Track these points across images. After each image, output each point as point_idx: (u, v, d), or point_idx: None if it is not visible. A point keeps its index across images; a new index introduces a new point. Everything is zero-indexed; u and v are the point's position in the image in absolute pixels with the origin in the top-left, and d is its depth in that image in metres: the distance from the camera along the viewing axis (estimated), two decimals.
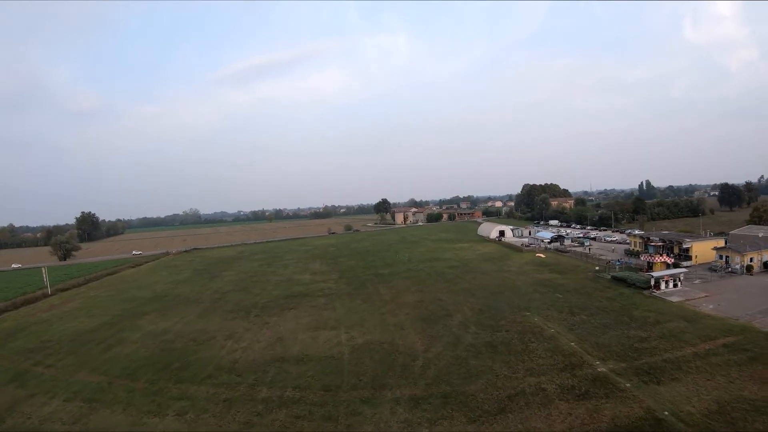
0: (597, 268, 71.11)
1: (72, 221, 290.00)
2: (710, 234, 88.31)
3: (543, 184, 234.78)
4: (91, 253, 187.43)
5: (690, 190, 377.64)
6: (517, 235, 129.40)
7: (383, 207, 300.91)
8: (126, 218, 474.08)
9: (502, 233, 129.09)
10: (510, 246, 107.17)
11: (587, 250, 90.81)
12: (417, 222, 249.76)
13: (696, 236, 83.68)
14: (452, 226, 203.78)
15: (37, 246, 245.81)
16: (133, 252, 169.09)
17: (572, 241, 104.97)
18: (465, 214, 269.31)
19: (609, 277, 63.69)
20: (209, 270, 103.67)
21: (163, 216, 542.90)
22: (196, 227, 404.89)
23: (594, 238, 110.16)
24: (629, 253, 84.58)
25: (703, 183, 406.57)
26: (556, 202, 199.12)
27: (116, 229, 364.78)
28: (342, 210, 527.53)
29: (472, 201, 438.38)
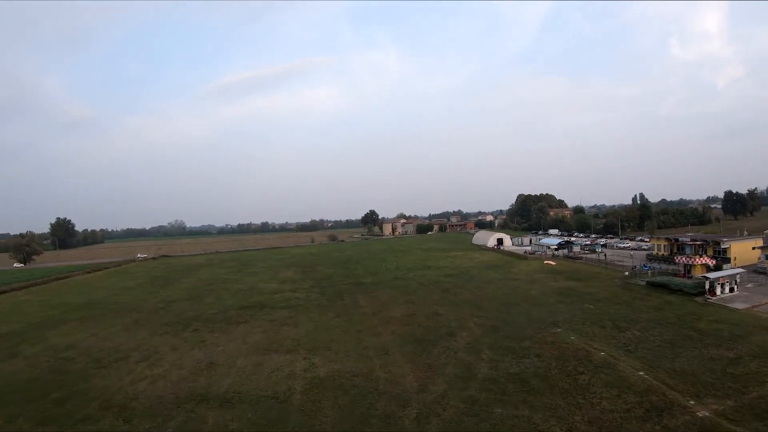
0: (626, 273, 59.28)
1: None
2: (746, 233, 77.50)
3: (538, 194, 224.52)
4: (58, 259, 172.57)
5: (682, 203, 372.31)
6: (516, 243, 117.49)
7: (371, 218, 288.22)
8: (110, 228, 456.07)
9: (500, 241, 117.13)
10: (511, 254, 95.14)
11: (602, 257, 79.07)
12: (406, 233, 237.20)
13: (732, 236, 72.67)
14: (444, 237, 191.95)
15: (7, 252, 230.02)
16: (138, 255, 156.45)
17: (582, 248, 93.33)
18: (456, 225, 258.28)
19: (643, 283, 51.82)
20: (167, 277, 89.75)
21: (148, 227, 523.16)
22: (179, 238, 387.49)
23: (605, 245, 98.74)
24: (652, 258, 73.08)
25: (694, 198, 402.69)
26: (553, 212, 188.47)
27: (95, 237, 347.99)
28: (329, 224, 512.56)
29: (462, 216, 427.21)
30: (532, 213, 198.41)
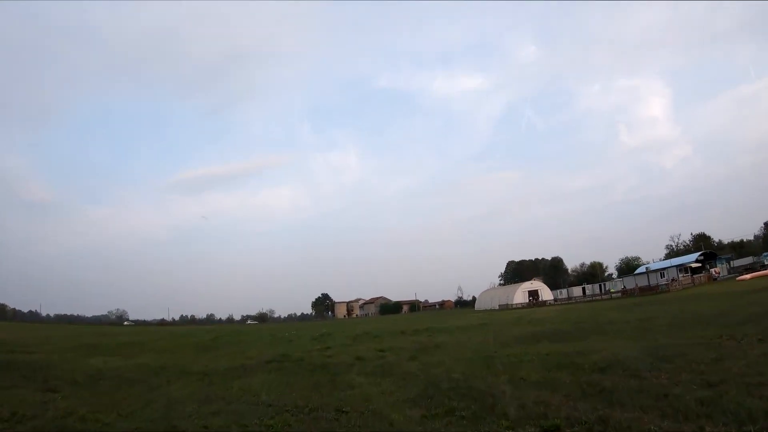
0: None
1: None
2: None
3: (534, 259, 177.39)
4: None
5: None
6: (562, 295, 65.56)
7: (323, 303, 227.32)
8: (45, 313, 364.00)
9: (534, 294, 65.07)
10: (588, 298, 43.11)
11: None
12: (366, 315, 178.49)
13: None
14: (421, 315, 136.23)
15: None
16: None
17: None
18: (433, 305, 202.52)
19: None
20: None
21: (89, 315, 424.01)
22: (112, 327, 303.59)
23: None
24: None
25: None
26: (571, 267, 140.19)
27: (3, 314, 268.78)
28: (283, 317, 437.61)
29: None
30: (526, 275, 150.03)
